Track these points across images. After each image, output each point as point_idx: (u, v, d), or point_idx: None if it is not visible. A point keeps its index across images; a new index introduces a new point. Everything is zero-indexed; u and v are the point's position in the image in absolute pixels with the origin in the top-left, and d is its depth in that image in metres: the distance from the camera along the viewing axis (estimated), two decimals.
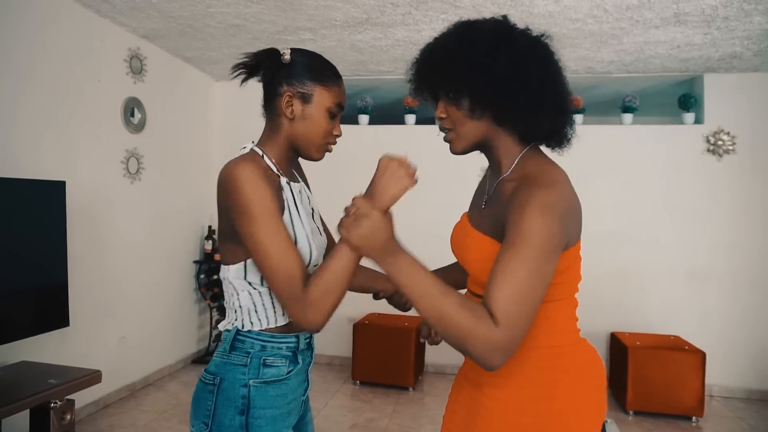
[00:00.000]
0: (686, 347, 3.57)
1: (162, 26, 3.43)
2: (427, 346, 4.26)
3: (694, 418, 3.49)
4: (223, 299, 4.71)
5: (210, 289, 4.40)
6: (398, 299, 1.37)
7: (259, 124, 1.22)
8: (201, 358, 4.44)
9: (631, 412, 3.57)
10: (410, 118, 4.52)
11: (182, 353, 4.30)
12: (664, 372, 3.48)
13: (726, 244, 4.04)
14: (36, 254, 2.56)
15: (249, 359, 1.11)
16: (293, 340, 1.16)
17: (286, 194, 1.15)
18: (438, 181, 3.96)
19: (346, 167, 4.57)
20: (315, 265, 1.16)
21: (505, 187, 1.08)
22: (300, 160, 1.29)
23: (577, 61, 3.91)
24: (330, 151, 1.22)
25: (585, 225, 1.14)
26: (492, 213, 1.10)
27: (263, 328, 1.12)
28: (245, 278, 1.11)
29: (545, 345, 1.06)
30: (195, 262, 4.41)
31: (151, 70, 3.78)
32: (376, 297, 1.39)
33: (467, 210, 1.25)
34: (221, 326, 1.19)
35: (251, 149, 1.17)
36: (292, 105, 1.13)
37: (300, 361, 1.18)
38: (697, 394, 3.44)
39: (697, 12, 2.94)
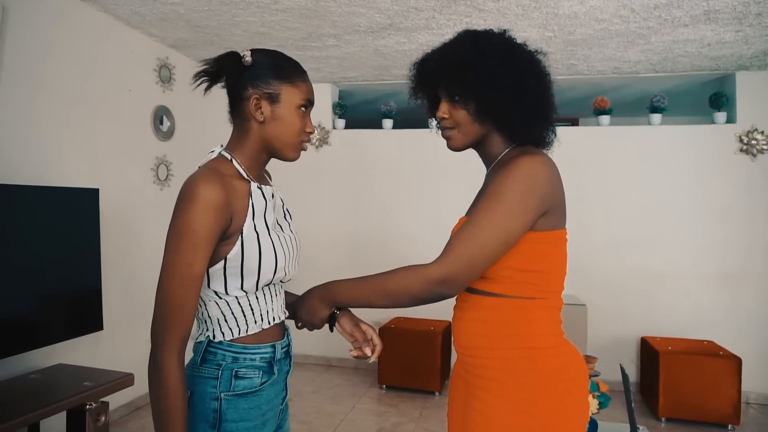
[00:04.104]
0: (721, 353, 3.47)
1: (190, 36, 3.50)
2: (453, 351, 4.24)
3: (729, 426, 3.39)
4: None
5: None
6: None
7: None
8: None
9: (663, 419, 3.49)
10: (434, 123, 4.51)
11: None
12: (697, 378, 3.39)
13: (762, 247, 3.92)
14: (71, 260, 2.63)
15: (220, 372, 1.07)
16: (268, 350, 1.12)
17: (256, 199, 1.10)
18: (464, 182, 3.94)
19: (370, 171, 4.60)
20: (283, 272, 1.12)
21: (494, 170, 1.17)
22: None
23: (604, 62, 3.85)
24: (305, 149, 1.18)
25: (613, 228, 1.15)
26: (479, 194, 1.19)
27: (234, 338, 1.09)
28: (209, 286, 1.07)
29: (526, 347, 1.10)
30: None
31: (179, 78, 3.86)
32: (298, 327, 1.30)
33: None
34: (192, 338, 1.13)
35: (219, 154, 1.14)
36: (260, 107, 1.10)
37: (276, 371, 1.13)
38: (732, 401, 3.34)
39: (728, 9, 2.87)
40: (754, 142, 3.92)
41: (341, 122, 4.63)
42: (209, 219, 0.99)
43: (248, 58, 1.09)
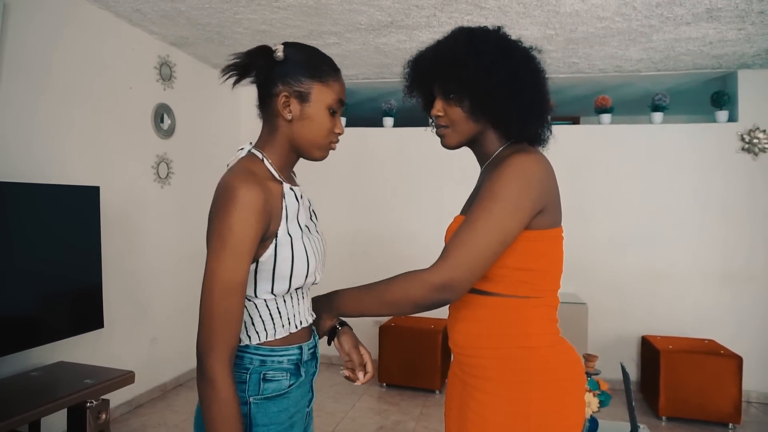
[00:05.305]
0: (722, 351, 3.47)
1: (191, 34, 3.50)
2: None
3: (730, 425, 3.38)
4: None
5: None
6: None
7: None
8: None
9: (663, 418, 3.49)
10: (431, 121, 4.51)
11: None
12: (698, 377, 3.39)
13: (763, 245, 3.92)
14: (72, 258, 2.63)
15: (248, 375, 1.04)
16: (295, 351, 1.09)
17: (289, 201, 1.06)
18: (465, 179, 3.94)
19: (371, 169, 4.60)
20: (314, 276, 1.09)
21: (489, 169, 1.16)
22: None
23: (605, 60, 3.84)
24: (333, 149, 1.14)
25: (614, 227, 1.15)
26: (474, 193, 1.19)
27: (261, 341, 1.05)
28: None
29: (523, 346, 1.09)
30: None
31: (180, 76, 3.86)
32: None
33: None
34: None
35: (250, 152, 1.09)
36: (289, 105, 1.05)
37: (303, 373, 1.10)
38: (733, 400, 3.33)
39: (730, 7, 2.86)
40: (755, 140, 3.91)
41: (342, 120, 4.62)
42: (251, 223, 0.95)
43: (280, 54, 1.05)
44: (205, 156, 4.23)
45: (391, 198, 4.50)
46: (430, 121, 1.25)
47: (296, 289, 1.08)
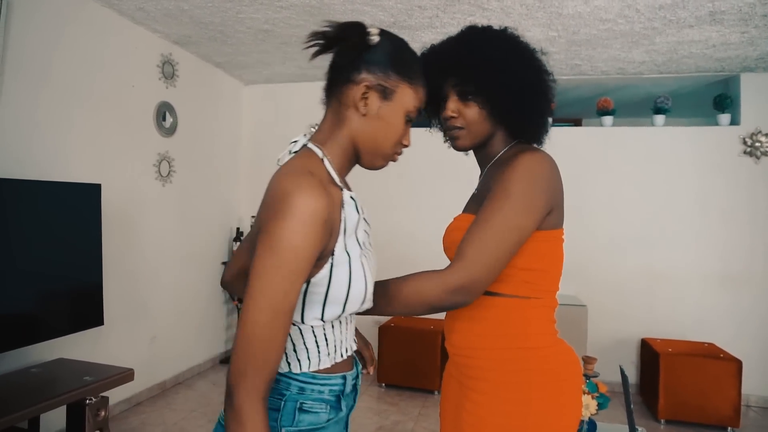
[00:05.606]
0: (721, 355, 3.47)
1: (193, 32, 3.50)
2: None
3: (729, 429, 3.38)
4: None
5: None
6: None
7: (287, 128, 1.20)
8: (229, 358, 4.50)
9: (662, 421, 3.48)
10: (434, 121, 4.51)
11: (211, 353, 4.38)
12: (697, 380, 3.39)
13: (763, 249, 3.91)
14: (72, 255, 2.64)
15: (283, 402, 0.89)
16: (338, 382, 0.94)
17: (348, 212, 0.90)
18: (462, 179, 3.94)
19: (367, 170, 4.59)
20: (370, 302, 0.95)
21: (495, 168, 1.15)
22: None
23: (608, 62, 3.84)
24: (395, 161, 1.01)
25: (615, 229, 1.15)
26: (480, 191, 1.17)
27: (303, 370, 0.92)
28: None
29: (522, 347, 1.09)
30: (223, 263, 4.48)
31: (182, 75, 3.86)
32: None
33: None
34: None
35: (306, 147, 0.94)
36: (367, 98, 0.92)
37: (343, 407, 0.96)
38: (732, 404, 3.33)
39: (734, 10, 2.85)
40: (758, 144, 3.91)
41: None
42: (311, 239, 0.80)
43: (375, 37, 0.92)
44: (206, 155, 4.24)
45: (388, 198, 4.49)
46: (434, 122, 1.23)
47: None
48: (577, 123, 5.58)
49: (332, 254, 0.87)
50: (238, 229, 4.60)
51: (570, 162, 4.22)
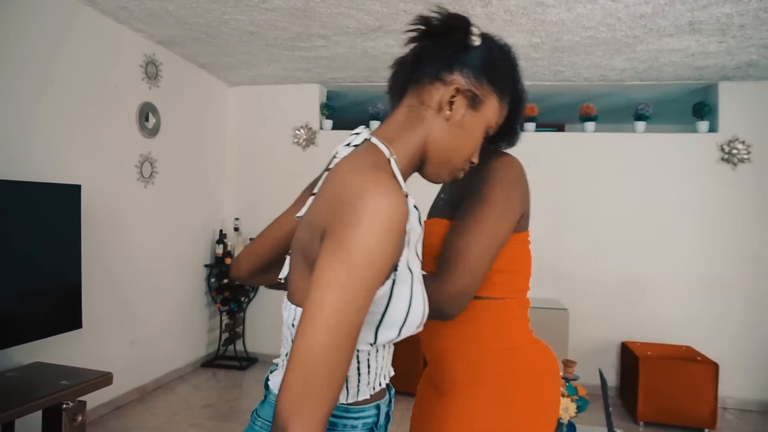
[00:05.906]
0: (698, 358, 3.53)
1: (178, 33, 3.48)
2: None
3: (706, 430, 3.44)
4: (236, 305, 4.50)
5: (220, 293, 4.43)
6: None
7: (272, 130, 1.17)
8: (211, 362, 4.46)
9: (641, 423, 3.53)
10: None
11: (192, 356, 4.33)
12: (676, 383, 3.44)
13: (740, 254, 3.99)
14: (51, 257, 2.59)
15: None
16: (372, 413, 0.83)
17: (413, 223, 0.78)
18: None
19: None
20: (423, 326, 0.82)
21: (466, 174, 1.13)
22: None
23: (590, 69, 3.90)
24: (459, 177, 0.91)
25: (596, 233, 1.16)
26: (453, 195, 1.15)
27: (340, 402, 0.80)
28: None
29: (501, 348, 1.10)
30: (206, 266, 4.44)
31: (166, 75, 3.83)
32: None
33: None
34: (272, 385, 0.84)
35: (369, 142, 0.82)
36: (453, 103, 0.83)
37: None
38: (709, 406, 3.39)
39: (712, 20, 2.92)
40: (735, 151, 3.99)
41: (329, 123, 4.62)
42: (392, 248, 0.68)
43: (476, 39, 0.86)
44: (189, 156, 4.20)
45: None
46: None
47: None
48: (560, 128, 5.65)
49: (395, 270, 0.75)
50: (221, 231, 4.56)
51: (552, 167, 4.28)
